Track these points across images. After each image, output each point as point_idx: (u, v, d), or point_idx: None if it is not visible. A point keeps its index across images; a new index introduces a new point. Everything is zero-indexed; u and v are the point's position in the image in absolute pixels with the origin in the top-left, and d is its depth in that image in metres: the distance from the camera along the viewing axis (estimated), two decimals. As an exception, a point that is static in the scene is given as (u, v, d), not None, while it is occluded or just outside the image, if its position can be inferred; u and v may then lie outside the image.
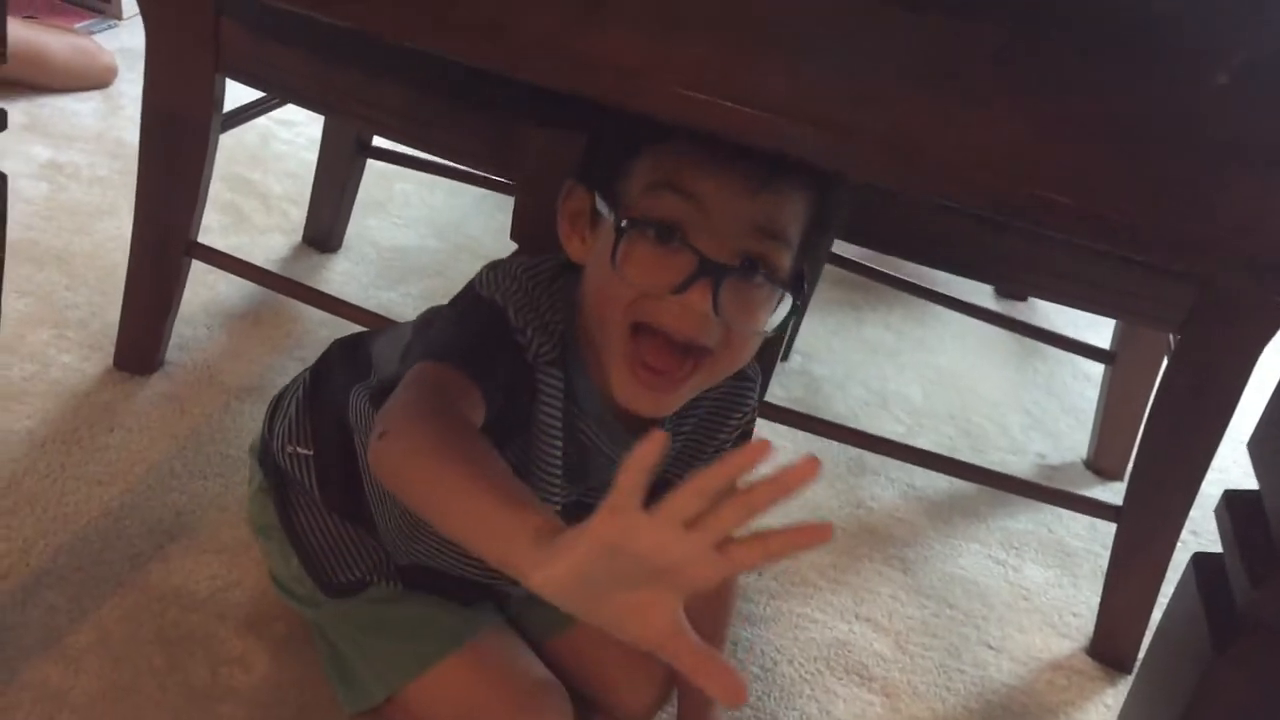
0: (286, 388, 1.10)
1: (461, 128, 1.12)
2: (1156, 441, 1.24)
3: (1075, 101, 0.53)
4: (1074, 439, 1.77)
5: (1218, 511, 0.68)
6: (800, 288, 0.84)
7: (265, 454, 1.08)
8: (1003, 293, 2.12)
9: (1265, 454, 0.65)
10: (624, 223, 0.79)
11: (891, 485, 1.55)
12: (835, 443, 1.59)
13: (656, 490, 0.94)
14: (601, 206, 0.83)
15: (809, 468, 0.54)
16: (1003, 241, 1.15)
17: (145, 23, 1.21)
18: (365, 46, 1.14)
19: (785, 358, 1.76)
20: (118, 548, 1.14)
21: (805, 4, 0.51)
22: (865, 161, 0.56)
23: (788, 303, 0.83)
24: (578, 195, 0.86)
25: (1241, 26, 0.47)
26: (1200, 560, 0.68)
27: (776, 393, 1.67)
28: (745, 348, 0.84)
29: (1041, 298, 1.23)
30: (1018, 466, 1.67)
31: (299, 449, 1.02)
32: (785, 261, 0.81)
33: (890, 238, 1.19)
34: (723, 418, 0.98)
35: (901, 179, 0.56)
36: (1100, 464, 1.68)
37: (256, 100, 1.46)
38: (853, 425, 1.63)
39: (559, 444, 0.88)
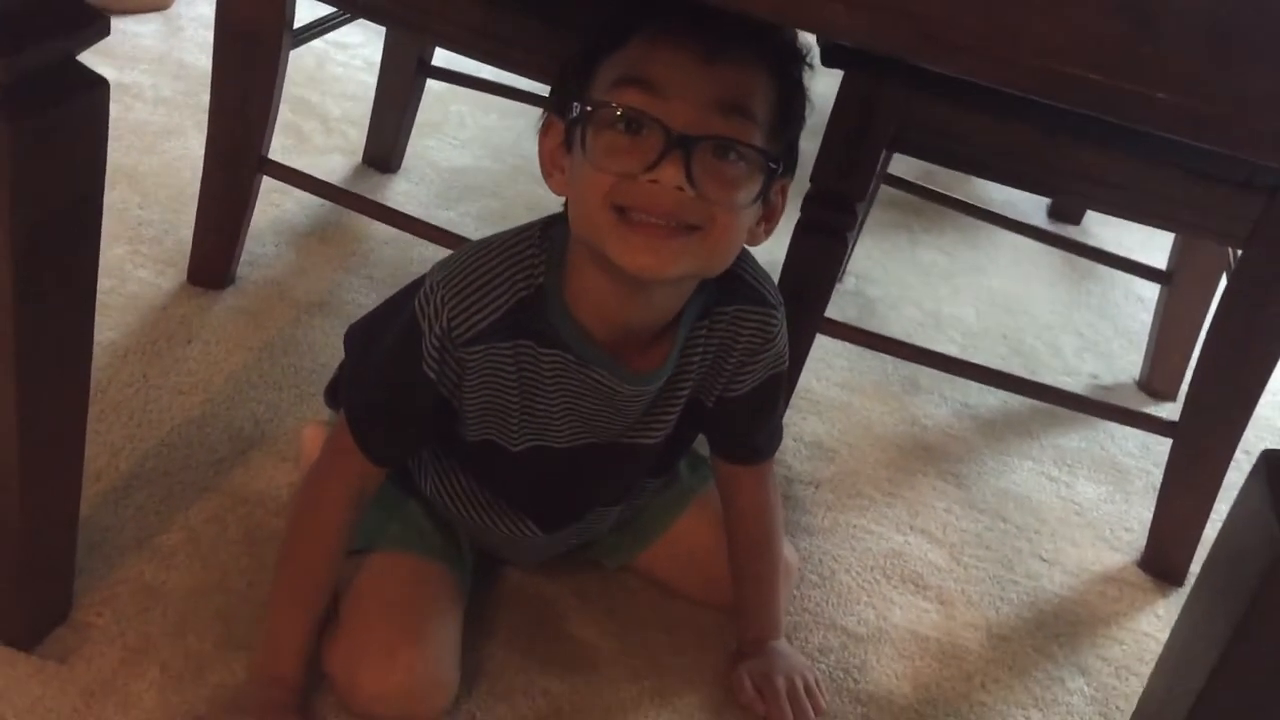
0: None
1: (537, 45, 1.14)
2: (1215, 357, 1.25)
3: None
4: (1126, 360, 1.78)
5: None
6: (776, 163, 0.84)
7: (333, 390, 1.14)
8: (1056, 214, 2.12)
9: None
10: (588, 107, 0.81)
11: (945, 403, 1.57)
12: (889, 361, 1.62)
13: (690, 410, 0.99)
14: (572, 111, 0.84)
15: None
16: (1065, 154, 1.16)
17: (218, -60, 1.24)
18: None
19: (839, 279, 1.78)
20: (201, 453, 1.18)
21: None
22: (955, 56, 0.57)
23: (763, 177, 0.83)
24: (554, 129, 0.87)
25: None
26: (1271, 456, 0.70)
27: (830, 313, 1.68)
28: (733, 225, 0.84)
29: (1102, 211, 1.23)
30: (1071, 387, 1.68)
31: None
32: (755, 138, 0.82)
33: (952, 151, 1.19)
34: (744, 342, 0.97)
35: (999, 75, 0.57)
36: (1153, 385, 1.69)
37: (326, 16, 1.48)
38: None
39: (509, 396, 0.93)
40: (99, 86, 0.79)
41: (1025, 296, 1.90)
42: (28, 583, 0.93)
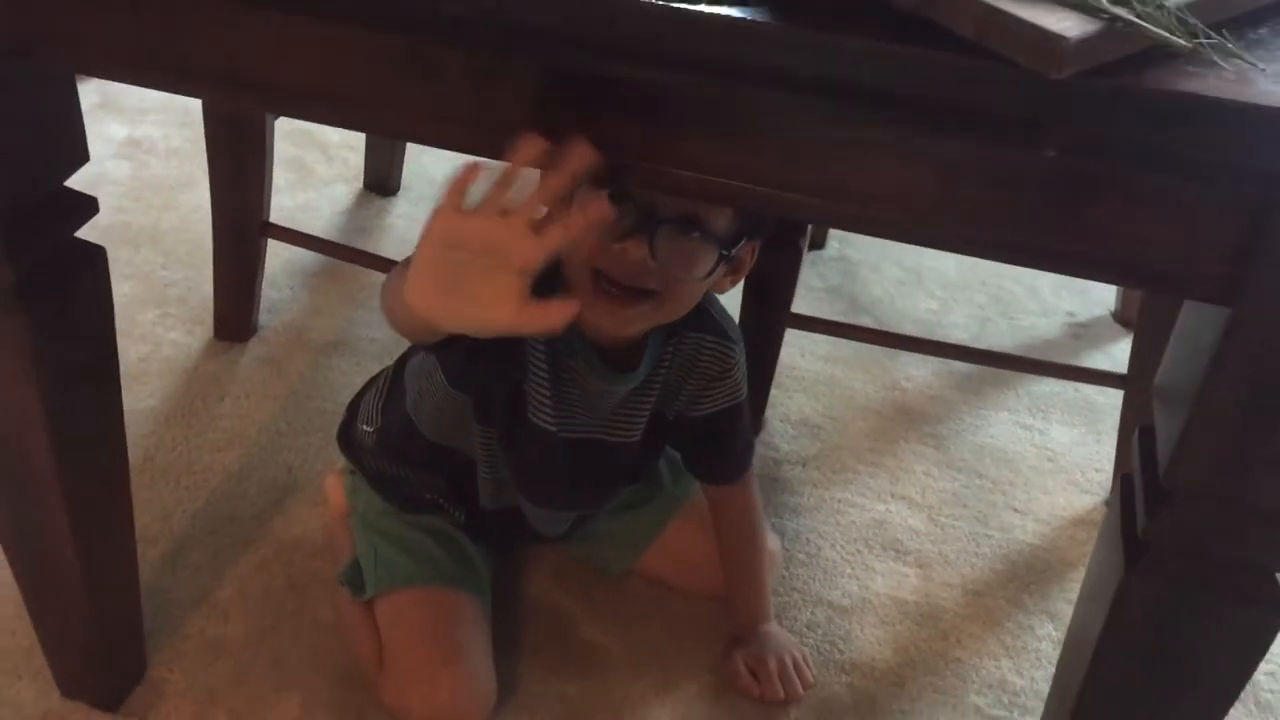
0: (370, 382, 1.26)
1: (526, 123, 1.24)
2: (1155, 308, 1.34)
3: (955, 154, 0.64)
4: (1103, 292, 1.86)
5: (1134, 443, 0.80)
6: (729, 249, 0.97)
7: (343, 434, 1.26)
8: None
9: (1161, 401, 0.77)
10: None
11: (925, 364, 1.68)
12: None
13: (654, 422, 1.12)
14: None
15: (582, 153, 0.66)
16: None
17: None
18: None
19: (822, 245, 1.87)
20: (243, 507, 1.33)
21: (752, 104, 0.65)
22: (802, 209, 0.69)
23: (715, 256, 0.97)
24: None
25: (1063, 118, 0.59)
26: (1125, 480, 0.80)
27: (813, 282, 1.79)
28: (685, 292, 1.00)
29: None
30: (1047, 328, 1.78)
31: (365, 427, 1.21)
32: (720, 221, 0.96)
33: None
34: (702, 366, 1.13)
35: (837, 222, 0.69)
36: (1127, 315, 1.78)
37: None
38: (888, 306, 1.77)
39: (544, 375, 1.05)
40: (95, 254, 0.92)
41: (1006, 236, 1.97)
42: (103, 652, 1.09)
